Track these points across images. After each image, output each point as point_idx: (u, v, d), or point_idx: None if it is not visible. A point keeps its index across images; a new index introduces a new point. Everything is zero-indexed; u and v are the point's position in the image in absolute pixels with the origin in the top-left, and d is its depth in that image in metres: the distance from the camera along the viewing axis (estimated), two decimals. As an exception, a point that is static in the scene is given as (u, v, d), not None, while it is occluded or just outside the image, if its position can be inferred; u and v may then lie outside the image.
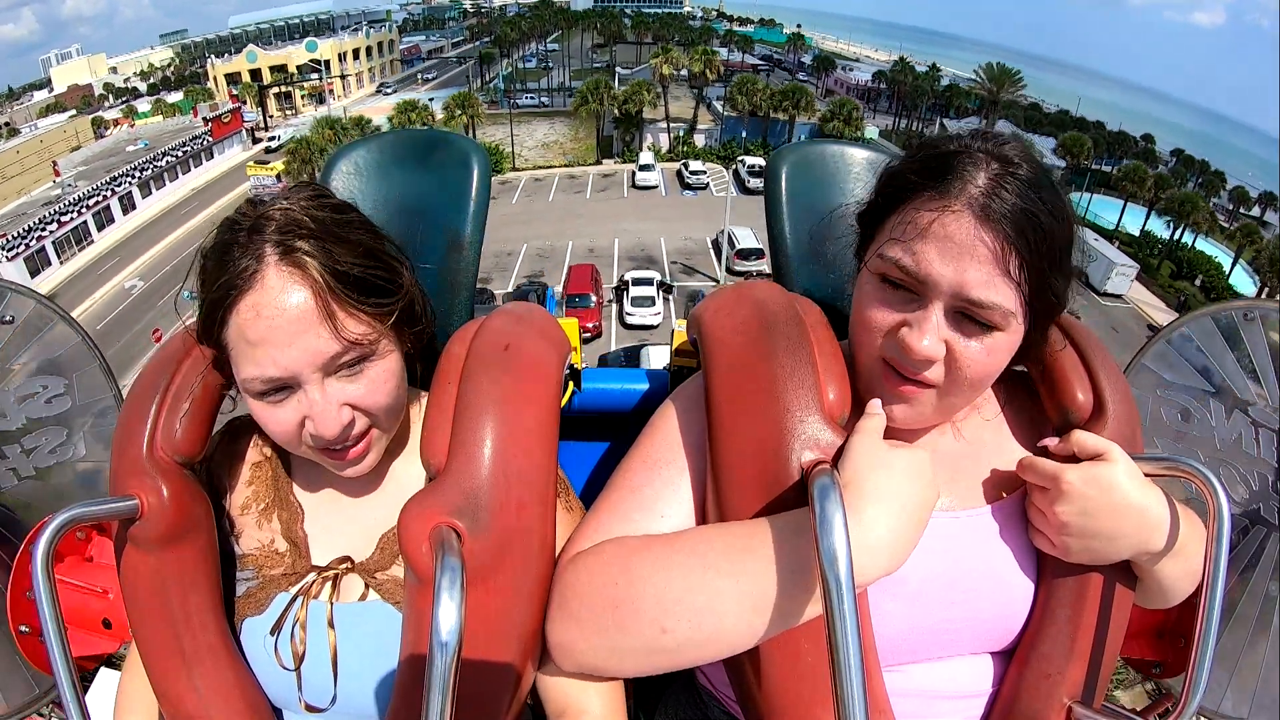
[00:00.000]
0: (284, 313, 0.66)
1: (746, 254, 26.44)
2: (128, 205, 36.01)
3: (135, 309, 26.24)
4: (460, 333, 0.82)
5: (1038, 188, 0.68)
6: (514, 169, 41.24)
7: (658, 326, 22.27)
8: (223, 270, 0.68)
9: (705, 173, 38.93)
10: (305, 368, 0.68)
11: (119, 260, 31.56)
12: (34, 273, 29.49)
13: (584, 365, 1.17)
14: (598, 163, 42.19)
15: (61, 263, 31.09)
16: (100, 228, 33.91)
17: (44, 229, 30.62)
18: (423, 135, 1.13)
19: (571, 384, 1.13)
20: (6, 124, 43.92)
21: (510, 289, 24.29)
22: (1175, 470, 0.74)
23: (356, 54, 58.22)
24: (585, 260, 26.57)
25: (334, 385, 0.71)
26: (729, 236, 27.27)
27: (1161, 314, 25.89)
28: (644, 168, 39.46)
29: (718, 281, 26.73)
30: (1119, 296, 28.85)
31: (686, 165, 39.74)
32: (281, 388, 0.70)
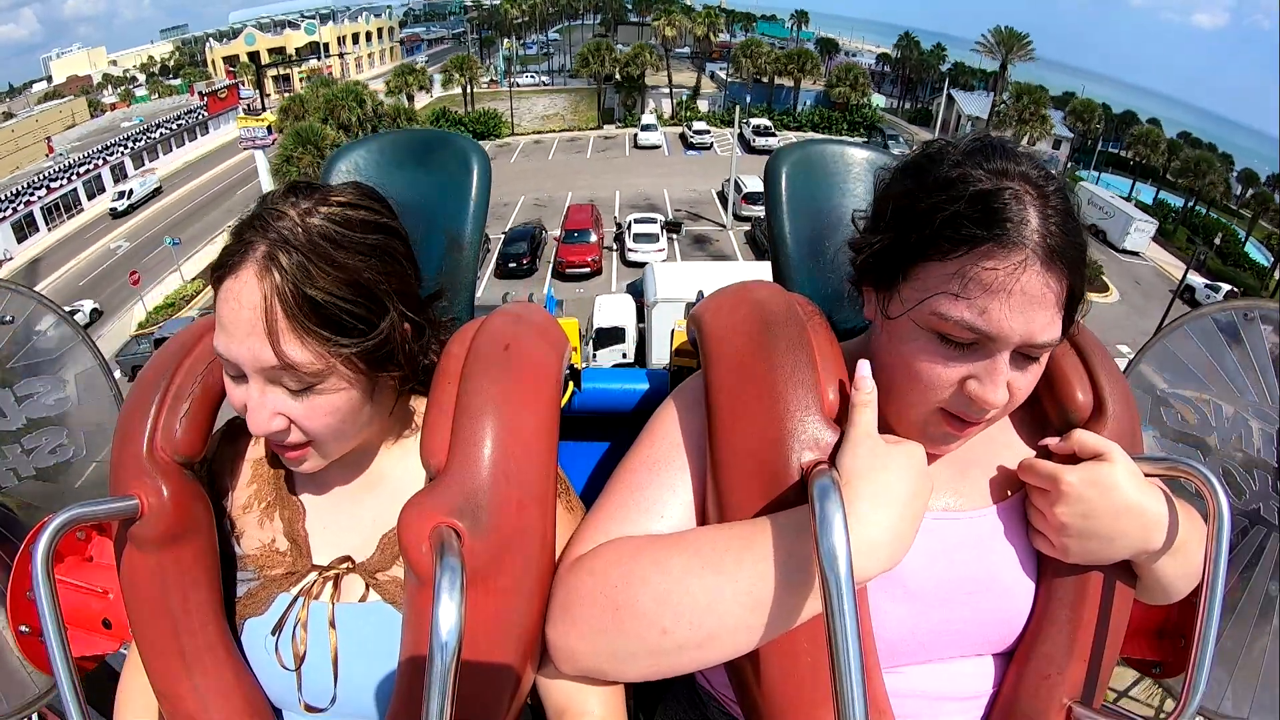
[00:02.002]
0: (241, 309, 0.67)
1: (754, 198, 25.85)
2: (119, 175, 35.72)
3: (120, 266, 26.04)
4: (460, 333, 0.82)
5: (1068, 203, 0.67)
6: (512, 134, 41.27)
7: (662, 264, 21.98)
8: (229, 246, 0.70)
9: (709, 133, 38.85)
10: (246, 365, 0.69)
11: (106, 225, 31.53)
12: (21, 239, 29.27)
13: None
14: (598, 127, 41.98)
15: (50, 229, 30.83)
16: (90, 196, 33.61)
17: (32, 194, 30.28)
18: (422, 135, 1.13)
19: (571, 384, 1.13)
20: (5, 112, 43.78)
21: (505, 231, 24.06)
22: (1175, 470, 0.74)
23: (356, 38, 58.01)
24: (586, 212, 26.26)
25: (274, 393, 0.70)
26: (735, 183, 26.86)
27: (1180, 271, 25.58)
28: (646, 128, 39.36)
29: (724, 226, 26.42)
30: (1137, 254, 28.66)
31: (690, 126, 39.69)
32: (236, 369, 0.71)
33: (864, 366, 0.70)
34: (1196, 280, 25.23)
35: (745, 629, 0.64)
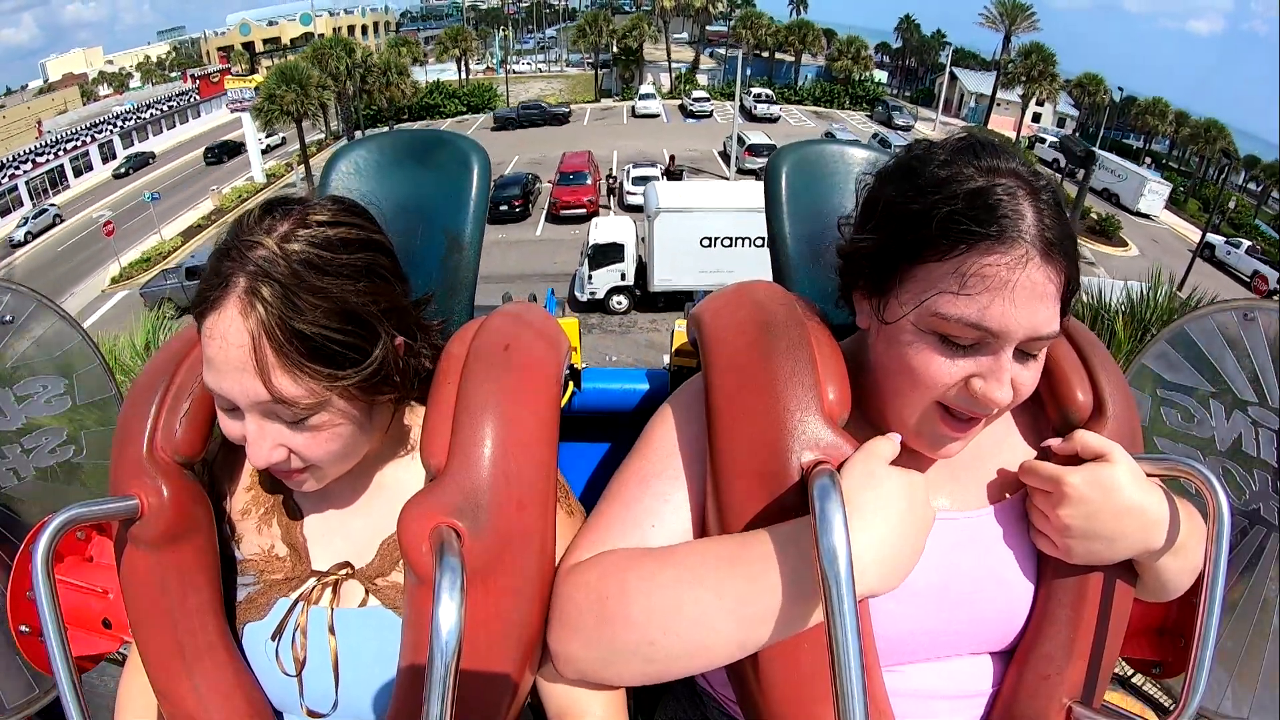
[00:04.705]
0: (228, 346, 0.65)
1: (758, 149, 25.87)
2: (108, 154, 35.59)
3: (100, 234, 25.46)
4: (460, 333, 0.82)
5: (1058, 197, 0.67)
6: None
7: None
8: (208, 279, 0.67)
9: (709, 100, 38.92)
10: (240, 401, 0.67)
11: (92, 198, 31.55)
12: (4, 213, 29.15)
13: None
14: (595, 101, 42.03)
15: (34, 206, 30.58)
16: (78, 174, 33.44)
17: (17, 167, 30.15)
18: (422, 135, 1.13)
19: (571, 384, 1.13)
20: (1, 107, 43.78)
21: (496, 180, 23.71)
22: (1175, 470, 0.74)
23: (351, 31, 58.08)
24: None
25: (272, 426, 0.69)
26: (739, 136, 26.70)
27: (1194, 235, 25.49)
28: (644, 97, 39.38)
29: (727, 179, 26.12)
30: (1149, 217, 28.72)
31: (689, 95, 39.77)
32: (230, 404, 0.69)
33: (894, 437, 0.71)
34: (1215, 239, 25.23)
35: (734, 642, 0.65)
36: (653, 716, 1.03)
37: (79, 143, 34.23)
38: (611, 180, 24.57)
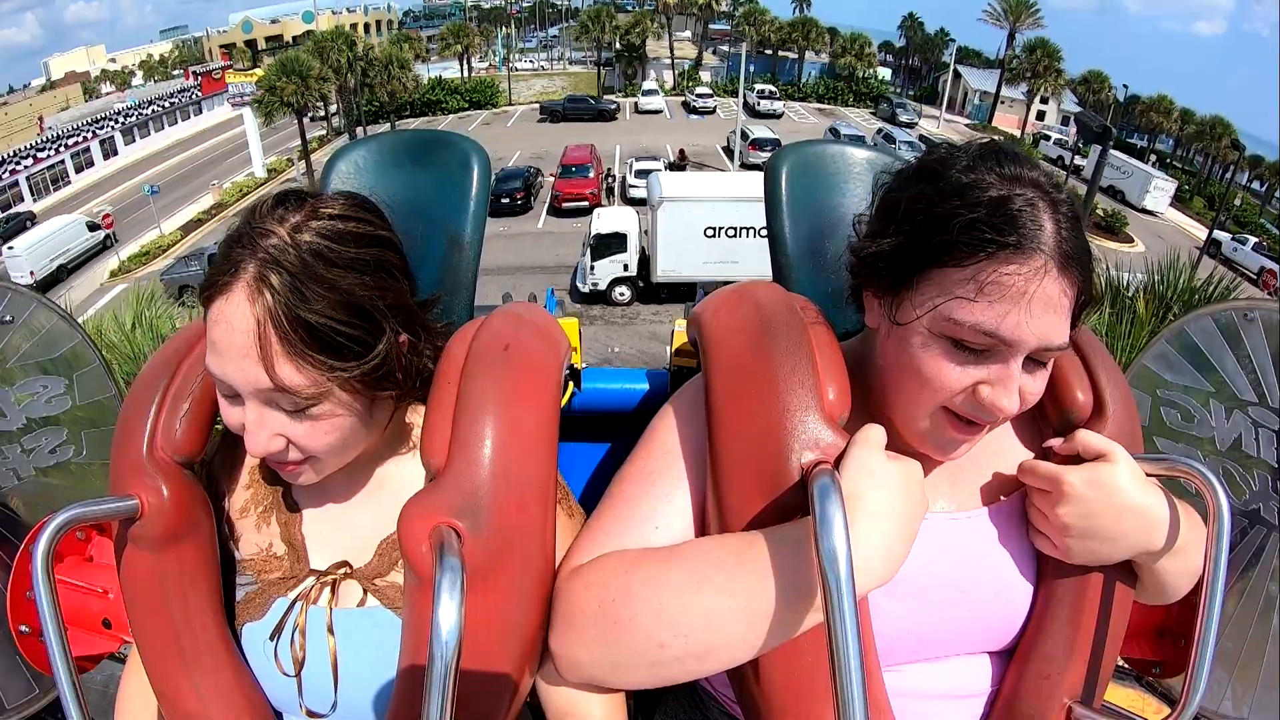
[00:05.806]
0: (233, 331, 0.65)
1: (762, 144, 25.93)
2: (109, 150, 35.57)
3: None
4: (460, 333, 0.82)
5: (1075, 210, 0.67)
6: (510, 104, 41.69)
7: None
8: (218, 264, 0.68)
9: (712, 96, 39.10)
10: (242, 387, 0.68)
11: (92, 193, 31.58)
12: (4, 207, 29.12)
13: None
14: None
15: (35, 201, 30.59)
16: (79, 170, 33.43)
17: (18, 163, 30.22)
18: (423, 135, 1.13)
19: (571, 384, 1.12)
20: (3, 103, 43.83)
21: (498, 173, 23.72)
22: (1175, 470, 0.74)
23: (354, 29, 58.12)
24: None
25: (272, 414, 0.69)
26: (742, 131, 26.79)
27: (1199, 233, 25.70)
28: (647, 93, 39.54)
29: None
30: (1155, 214, 28.90)
31: (692, 90, 39.96)
32: (230, 390, 0.69)
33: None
34: (1222, 235, 25.36)
35: (742, 642, 0.65)
36: (652, 717, 1.03)
37: (81, 139, 34.22)
38: (610, 179, 24.62)
